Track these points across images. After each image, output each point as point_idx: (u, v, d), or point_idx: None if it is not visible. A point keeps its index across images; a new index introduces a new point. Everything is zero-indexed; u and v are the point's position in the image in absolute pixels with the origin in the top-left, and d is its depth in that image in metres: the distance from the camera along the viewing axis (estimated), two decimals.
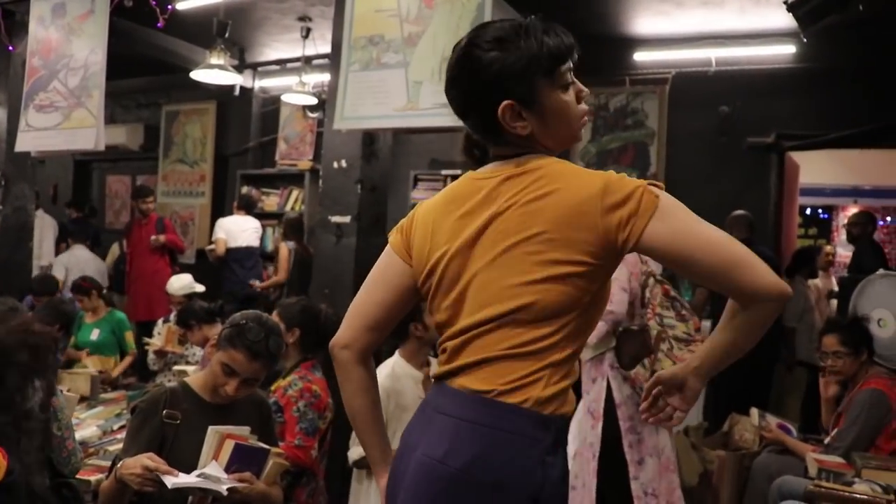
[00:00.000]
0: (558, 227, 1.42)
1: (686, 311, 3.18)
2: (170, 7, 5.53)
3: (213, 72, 5.87)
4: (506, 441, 1.43)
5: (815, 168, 8.17)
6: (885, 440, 3.40)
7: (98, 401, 4.31)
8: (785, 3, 4.40)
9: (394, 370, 3.12)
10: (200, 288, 5.64)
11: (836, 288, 6.64)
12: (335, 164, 4.46)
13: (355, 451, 3.08)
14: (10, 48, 5.77)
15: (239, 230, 7.03)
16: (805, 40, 5.01)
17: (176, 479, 2.18)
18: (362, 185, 4.38)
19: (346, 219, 4.41)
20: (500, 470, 1.42)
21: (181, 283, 5.57)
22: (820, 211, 10.07)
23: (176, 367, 4.65)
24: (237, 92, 7.62)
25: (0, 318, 2.12)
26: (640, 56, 6.38)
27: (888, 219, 9.48)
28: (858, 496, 2.86)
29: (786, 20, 4.81)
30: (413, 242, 1.62)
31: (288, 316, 3.29)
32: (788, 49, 5.89)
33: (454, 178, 2.15)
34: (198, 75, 5.98)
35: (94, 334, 5.39)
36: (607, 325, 3.23)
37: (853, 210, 8.44)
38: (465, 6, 3.90)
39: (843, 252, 9.65)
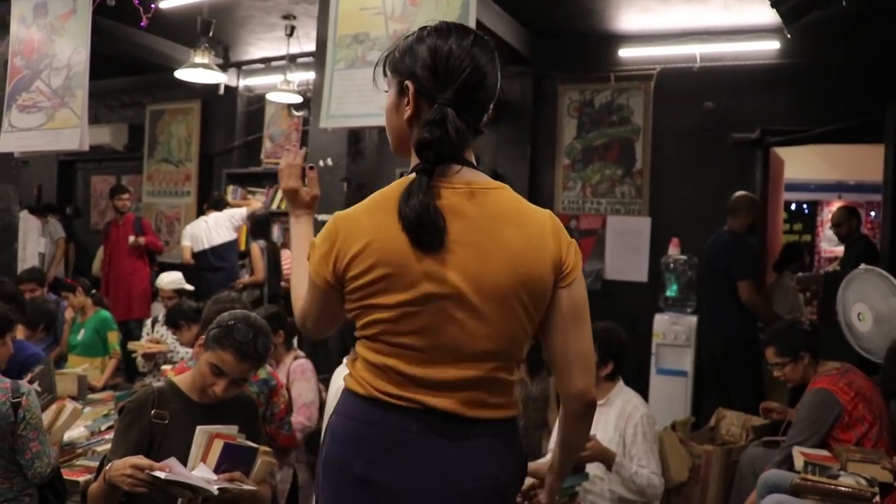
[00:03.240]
0: None
1: None
2: (153, 6, 5.51)
3: (198, 71, 5.85)
4: None
5: (800, 163, 8.21)
6: (842, 432, 3.40)
7: (85, 401, 4.28)
8: None
9: None
10: (189, 287, 5.62)
11: None
12: (321, 163, 4.46)
13: None
14: None
15: (203, 233, 6.91)
16: (789, 36, 5.02)
17: (168, 473, 2.16)
18: (348, 184, 4.39)
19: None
20: None
21: (171, 277, 5.53)
22: (805, 206, 10.11)
23: (165, 367, 4.62)
24: (222, 91, 7.57)
25: None
26: (625, 52, 6.39)
27: (872, 214, 9.53)
28: (844, 489, 2.88)
29: (770, 16, 4.83)
30: None
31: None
32: (773, 45, 5.91)
33: None
34: (182, 74, 5.96)
35: (80, 334, 5.37)
36: None
37: (837, 205, 8.45)
38: (449, 3, 3.90)
39: (827, 247, 9.73)
